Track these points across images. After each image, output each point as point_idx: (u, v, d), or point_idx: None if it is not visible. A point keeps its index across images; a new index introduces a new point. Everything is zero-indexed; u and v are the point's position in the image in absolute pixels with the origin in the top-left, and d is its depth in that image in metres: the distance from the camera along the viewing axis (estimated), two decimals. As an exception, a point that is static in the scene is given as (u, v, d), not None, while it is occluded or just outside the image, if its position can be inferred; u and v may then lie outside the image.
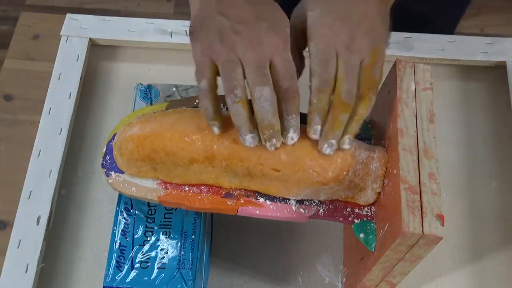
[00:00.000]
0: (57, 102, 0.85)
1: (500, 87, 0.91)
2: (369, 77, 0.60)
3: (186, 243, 0.66)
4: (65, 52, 0.89)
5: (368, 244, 0.63)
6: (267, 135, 0.59)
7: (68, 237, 0.78)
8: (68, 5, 1.84)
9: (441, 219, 0.57)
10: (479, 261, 0.78)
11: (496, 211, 0.82)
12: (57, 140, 0.81)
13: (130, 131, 0.66)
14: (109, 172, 0.66)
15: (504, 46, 0.91)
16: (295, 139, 0.61)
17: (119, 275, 0.65)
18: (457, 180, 0.84)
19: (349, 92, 0.59)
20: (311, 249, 0.78)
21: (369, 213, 0.65)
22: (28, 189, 0.78)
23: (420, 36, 0.92)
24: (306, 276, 0.76)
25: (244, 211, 0.64)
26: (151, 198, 0.65)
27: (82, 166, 0.83)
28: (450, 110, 0.89)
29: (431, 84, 0.66)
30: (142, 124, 0.65)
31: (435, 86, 0.66)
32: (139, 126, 0.65)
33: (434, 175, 0.60)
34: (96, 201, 0.80)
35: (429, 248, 0.58)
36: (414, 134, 0.62)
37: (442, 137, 0.84)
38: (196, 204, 0.64)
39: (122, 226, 0.67)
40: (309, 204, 0.65)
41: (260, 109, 0.58)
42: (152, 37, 0.91)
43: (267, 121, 0.59)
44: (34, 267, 0.73)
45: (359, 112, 0.61)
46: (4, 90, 0.89)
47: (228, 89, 0.59)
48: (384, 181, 0.64)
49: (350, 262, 0.73)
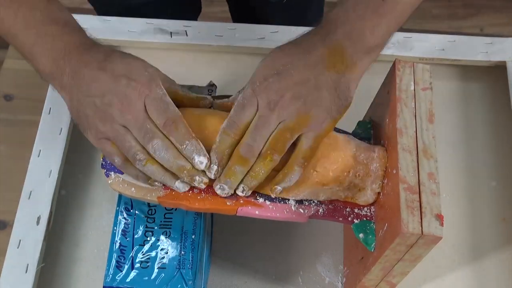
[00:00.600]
0: (57, 102, 0.84)
1: (500, 87, 0.91)
2: (279, 140, 0.58)
3: (186, 243, 0.67)
4: (65, 52, 0.89)
5: (367, 244, 0.63)
6: (186, 177, 0.59)
7: (68, 237, 0.78)
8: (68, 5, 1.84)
9: (440, 219, 0.57)
10: (479, 261, 0.78)
11: (496, 211, 0.82)
12: (57, 140, 0.81)
13: None
14: (108, 173, 0.66)
15: (504, 46, 0.91)
16: (205, 161, 0.58)
17: (119, 275, 0.65)
18: (457, 180, 0.84)
19: (248, 146, 0.58)
20: (311, 249, 0.78)
21: (368, 213, 0.65)
22: (28, 189, 0.78)
23: (420, 36, 0.92)
24: (306, 276, 0.76)
25: (244, 211, 0.64)
26: (150, 198, 0.65)
27: (82, 166, 0.83)
28: (450, 110, 0.89)
29: (430, 84, 0.66)
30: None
31: (435, 86, 0.66)
32: None
33: (433, 175, 0.60)
34: (96, 201, 0.80)
35: (429, 248, 0.58)
36: (414, 134, 0.62)
37: (442, 137, 0.84)
38: (195, 205, 0.64)
39: (122, 226, 0.67)
40: (309, 204, 0.65)
41: (162, 160, 0.59)
42: (152, 37, 0.91)
43: (174, 166, 0.59)
44: (34, 267, 0.73)
45: (256, 169, 0.59)
46: (4, 90, 0.89)
47: (131, 158, 0.60)
48: (384, 181, 0.64)
49: (350, 262, 0.73)
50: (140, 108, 0.59)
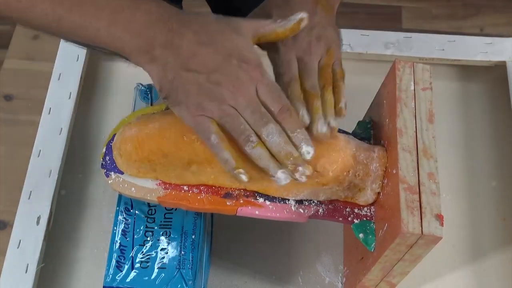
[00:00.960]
0: (57, 102, 0.85)
1: (500, 87, 0.91)
2: (327, 73, 0.66)
3: (186, 243, 0.67)
4: (65, 52, 0.89)
5: (367, 244, 0.63)
6: (290, 165, 0.59)
7: (68, 237, 0.78)
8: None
9: (440, 219, 0.57)
10: (479, 261, 0.78)
11: (496, 211, 0.82)
12: (57, 140, 0.81)
13: (129, 132, 0.66)
14: (108, 173, 0.66)
15: (504, 46, 0.91)
16: (311, 151, 0.60)
17: (119, 275, 0.65)
18: (457, 180, 0.84)
19: (312, 85, 0.65)
20: (311, 249, 0.78)
21: (368, 213, 0.65)
22: (28, 189, 0.78)
23: (420, 36, 0.92)
24: (306, 276, 0.76)
25: (244, 211, 0.64)
26: (150, 198, 0.65)
27: (82, 166, 0.83)
28: (450, 110, 0.89)
29: (430, 84, 0.66)
30: (140, 125, 0.65)
31: (435, 86, 0.66)
32: (137, 127, 0.65)
33: (433, 175, 0.60)
34: (96, 201, 0.80)
35: (428, 248, 0.58)
36: (413, 134, 0.62)
37: (442, 137, 0.84)
38: (195, 204, 0.64)
39: (122, 226, 0.67)
40: (309, 204, 0.65)
41: (272, 145, 0.59)
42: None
43: (283, 151, 0.59)
44: (34, 267, 0.73)
45: (327, 98, 0.65)
46: (4, 90, 0.89)
47: (243, 139, 0.59)
48: (384, 181, 0.64)
49: (350, 262, 0.73)
50: (252, 92, 0.59)
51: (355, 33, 0.92)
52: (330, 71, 0.66)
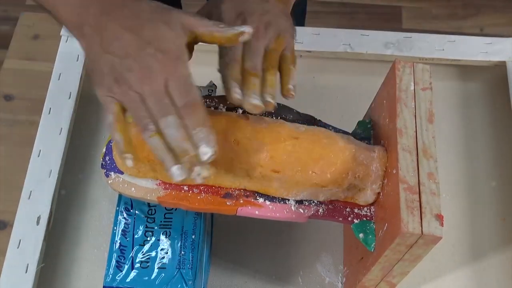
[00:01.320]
0: (57, 102, 0.85)
1: (500, 87, 0.91)
2: (273, 56, 0.66)
3: (186, 243, 0.67)
4: (65, 52, 0.89)
5: (367, 244, 0.63)
6: (186, 164, 0.58)
7: (68, 237, 0.78)
8: None
9: (440, 219, 0.57)
10: (479, 261, 0.78)
11: (496, 211, 0.82)
12: (57, 140, 0.81)
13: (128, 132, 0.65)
14: (108, 173, 0.66)
15: (504, 46, 0.91)
16: (209, 153, 0.57)
17: (119, 275, 0.65)
18: (457, 180, 0.84)
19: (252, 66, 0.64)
20: (311, 249, 0.78)
21: (368, 213, 0.65)
22: (28, 189, 0.78)
23: (420, 36, 0.92)
24: (306, 276, 0.76)
25: (244, 211, 0.64)
26: (150, 198, 0.65)
27: (82, 166, 0.83)
28: (450, 110, 0.89)
29: (430, 84, 0.66)
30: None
31: (435, 86, 0.66)
32: (137, 127, 0.65)
33: (433, 175, 0.60)
34: (96, 201, 0.80)
35: (428, 248, 0.58)
36: (413, 134, 0.62)
37: (442, 137, 0.84)
38: (195, 204, 0.64)
39: (122, 226, 0.67)
40: (309, 204, 0.65)
41: (169, 138, 0.58)
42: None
43: (179, 147, 0.58)
44: (34, 267, 0.73)
45: (268, 78, 0.64)
46: (4, 90, 0.89)
47: (142, 127, 0.59)
48: (384, 181, 0.64)
49: (350, 262, 0.73)
50: (160, 82, 0.58)
51: (355, 33, 0.92)
52: (276, 56, 0.66)
